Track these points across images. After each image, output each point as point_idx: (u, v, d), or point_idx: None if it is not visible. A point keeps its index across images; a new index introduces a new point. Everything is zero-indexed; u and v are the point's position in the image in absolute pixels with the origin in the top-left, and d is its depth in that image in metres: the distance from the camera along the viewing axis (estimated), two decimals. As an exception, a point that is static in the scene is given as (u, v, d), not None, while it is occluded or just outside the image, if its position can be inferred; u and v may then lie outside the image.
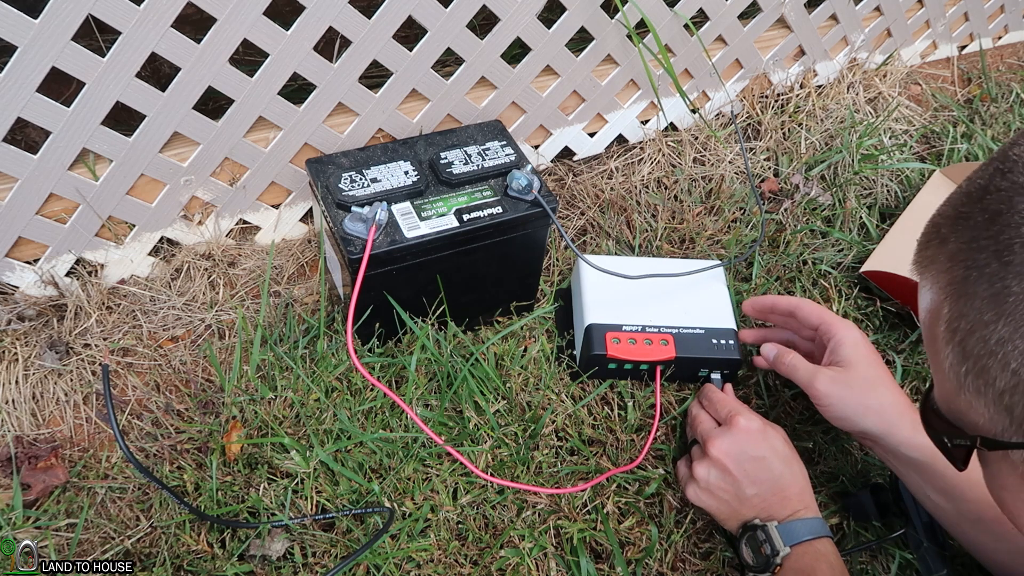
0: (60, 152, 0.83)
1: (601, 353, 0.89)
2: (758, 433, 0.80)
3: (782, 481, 0.78)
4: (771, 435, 0.81)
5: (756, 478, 0.78)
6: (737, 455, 0.78)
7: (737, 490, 0.78)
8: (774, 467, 0.78)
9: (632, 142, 1.28)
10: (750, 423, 0.80)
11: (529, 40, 1.02)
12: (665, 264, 0.99)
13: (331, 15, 0.86)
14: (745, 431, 0.80)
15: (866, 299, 1.10)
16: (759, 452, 0.79)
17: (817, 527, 0.75)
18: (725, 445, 0.79)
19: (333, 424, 0.83)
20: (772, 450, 0.79)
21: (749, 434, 0.80)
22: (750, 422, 0.81)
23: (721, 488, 0.78)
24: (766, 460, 0.78)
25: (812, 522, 0.75)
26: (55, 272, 0.92)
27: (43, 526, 0.77)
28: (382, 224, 0.80)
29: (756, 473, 0.78)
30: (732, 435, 0.80)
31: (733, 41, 1.23)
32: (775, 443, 0.80)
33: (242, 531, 0.78)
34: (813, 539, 0.74)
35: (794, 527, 0.74)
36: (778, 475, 0.78)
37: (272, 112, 0.92)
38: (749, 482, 0.77)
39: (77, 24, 0.74)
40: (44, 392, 0.88)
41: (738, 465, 0.78)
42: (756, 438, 0.80)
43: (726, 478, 0.78)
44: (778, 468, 0.78)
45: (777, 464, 0.78)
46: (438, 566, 0.77)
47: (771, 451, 0.79)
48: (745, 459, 0.78)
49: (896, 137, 1.37)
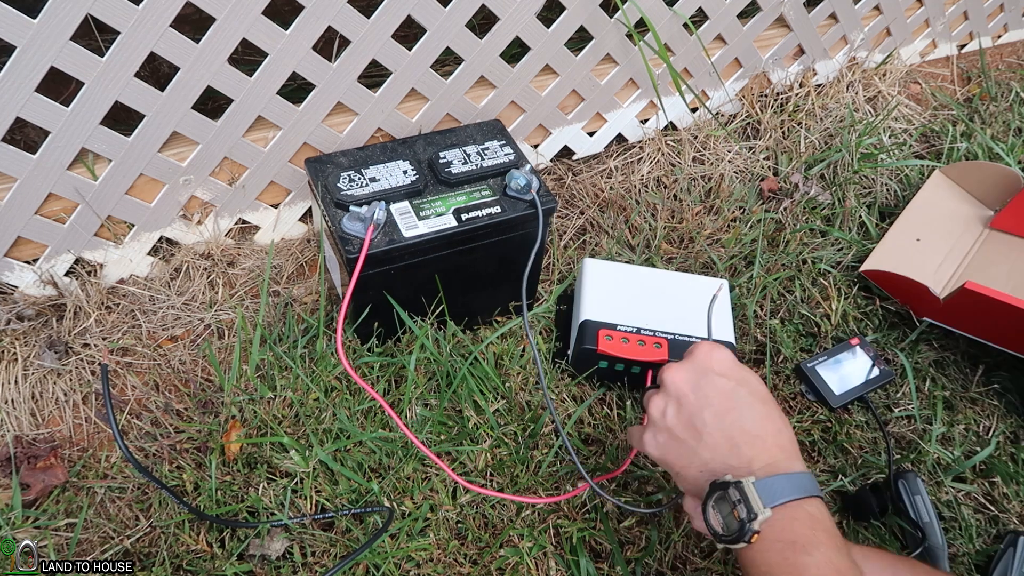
0: (59, 152, 0.83)
1: (592, 347, 0.88)
2: (727, 359, 0.64)
3: (754, 415, 0.61)
4: (744, 368, 0.65)
5: (720, 407, 0.61)
6: (696, 380, 0.63)
7: (696, 422, 0.61)
8: (743, 398, 0.61)
9: (632, 141, 1.28)
10: (715, 348, 0.65)
11: (528, 39, 1.02)
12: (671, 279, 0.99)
13: (330, 15, 0.86)
14: (707, 355, 0.64)
15: (866, 298, 1.10)
16: (725, 379, 0.62)
17: (806, 483, 0.57)
18: (683, 371, 0.64)
19: (332, 423, 0.83)
20: (742, 380, 0.63)
21: (713, 358, 0.64)
22: (715, 347, 0.65)
23: (678, 424, 0.62)
24: (733, 389, 0.62)
25: (799, 477, 0.57)
26: (54, 272, 0.92)
27: (42, 526, 0.77)
28: (380, 223, 0.80)
29: (720, 401, 0.61)
30: (691, 359, 0.65)
31: (732, 40, 1.23)
32: (747, 375, 0.64)
33: (241, 531, 0.78)
34: (801, 499, 0.56)
35: (774, 484, 0.56)
36: (748, 407, 0.61)
37: (271, 112, 0.92)
38: (712, 413, 0.61)
39: (76, 24, 0.74)
40: (43, 392, 0.88)
41: (697, 391, 0.62)
42: (723, 364, 0.64)
43: (683, 408, 0.62)
44: (748, 400, 0.61)
45: (747, 396, 0.62)
46: (437, 565, 0.77)
47: (741, 381, 0.63)
48: (706, 384, 0.62)
49: (896, 136, 1.37)
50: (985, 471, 0.92)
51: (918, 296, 1.01)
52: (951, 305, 0.97)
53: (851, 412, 0.97)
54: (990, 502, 0.90)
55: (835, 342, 1.04)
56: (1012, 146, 1.37)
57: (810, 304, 1.08)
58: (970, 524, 0.87)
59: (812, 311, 1.07)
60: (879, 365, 0.99)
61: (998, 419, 0.98)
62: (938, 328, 1.04)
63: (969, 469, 0.92)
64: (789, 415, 0.96)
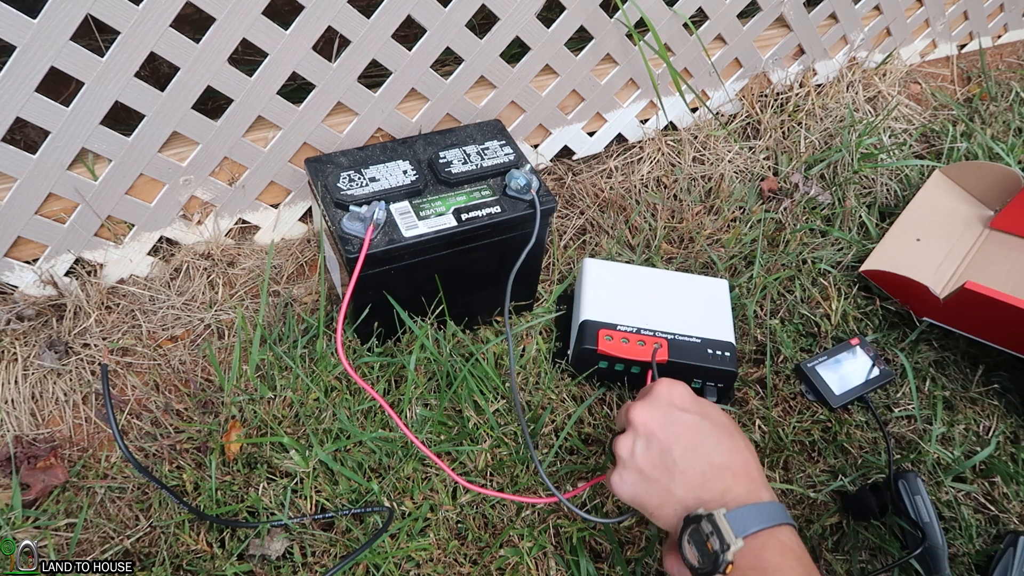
0: (59, 152, 0.83)
1: (592, 348, 0.89)
2: (687, 394, 0.67)
3: (722, 449, 0.63)
4: (704, 401, 0.68)
5: (689, 443, 0.63)
6: (663, 417, 0.64)
7: (667, 460, 0.62)
8: (710, 432, 0.64)
9: (631, 141, 1.28)
10: (675, 384, 0.67)
11: (528, 39, 1.02)
12: (671, 278, 1.00)
13: (330, 15, 0.86)
14: (668, 392, 0.66)
15: (866, 298, 1.10)
16: (690, 414, 0.65)
17: (776, 512, 0.59)
18: (648, 410, 0.65)
19: (332, 423, 0.83)
20: (705, 414, 0.66)
21: (675, 395, 0.66)
22: (675, 384, 0.67)
23: (649, 462, 0.63)
24: (699, 424, 0.64)
25: (768, 506, 0.59)
26: (54, 272, 0.92)
27: (42, 526, 0.77)
28: (380, 223, 0.80)
29: (689, 437, 0.63)
30: (654, 397, 0.66)
31: (732, 40, 1.23)
32: (708, 408, 0.67)
33: (241, 531, 0.78)
34: (772, 527, 0.58)
35: (745, 514, 0.58)
36: (716, 441, 0.63)
37: (271, 112, 0.92)
38: (681, 449, 0.62)
39: (76, 24, 0.74)
40: (43, 392, 0.88)
41: (665, 428, 0.64)
42: (685, 399, 0.66)
43: (652, 446, 0.63)
44: (716, 433, 0.64)
45: (714, 429, 0.64)
46: (437, 565, 0.77)
47: (704, 414, 0.65)
48: (673, 421, 0.64)
49: (896, 136, 1.37)
50: (985, 471, 0.92)
51: (918, 296, 1.01)
52: (951, 305, 0.97)
53: (851, 412, 0.97)
54: (990, 502, 0.90)
55: (835, 342, 1.04)
56: (1012, 146, 1.37)
57: (810, 304, 1.08)
58: (970, 524, 0.87)
59: (812, 311, 1.07)
60: (879, 365, 0.99)
61: (998, 419, 0.98)
62: (938, 328, 1.04)
63: (969, 469, 0.92)
64: (789, 415, 0.96)
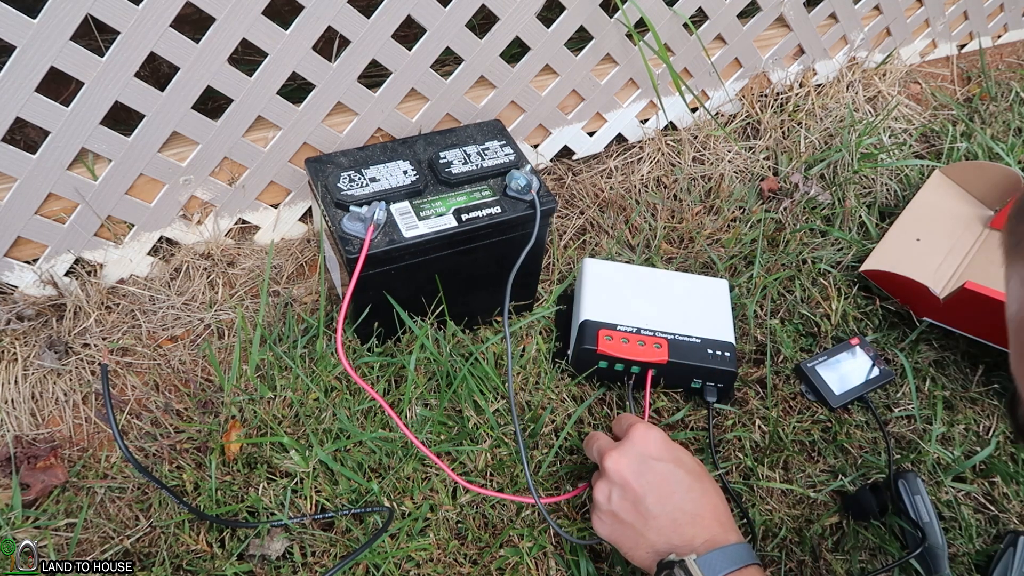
0: (59, 152, 0.83)
1: (591, 348, 0.89)
2: (660, 441, 0.71)
3: (692, 495, 0.67)
4: (676, 446, 0.72)
5: (662, 492, 0.67)
6: (637, 467, 0.68)
7: (640, 508, 0.67)
8: (682, 480, 0.68)
9: (631, 141, 1.28)
10: (649, 431, 0.71)
11: (528, 39, 1.02)
12: (671, 278, 0.99)
13: (330, 14, 0.86)
14: (643, 439, 0.70)
15: (866, 298, 1.10)
16: (663, 463, 0.69)
17: (742, 554, 0.63)
18: (623, 458, 0.69)
19: (332, 423, 0.83)
20: (678, 461, 0.70)
21: (648, 442, 0.70)
22: (649, 430, 0.71)
23: (624, 508, 0.68)
24: (671, 472, 0.68)
25: (735, 549, 0.63)
26: (54, 272, 0.92)
27: (42, 526, 0.77)
28: (380, 224, 0.80)
29: (661, 486, 0.67)
30: (629, 445, 0.70)
31: (732, 40, 1.23)
32: (680, 454, 0.71)
33: (241, 531, 0.78)
34: (739, 569, 0.62)
35: (713, 559, 0.62)
36: (687, 489, 0.67)
37: (271, 111, 0.92)
38: (655, 498, 0.67)
39: (76, 24, 0.74)
40: (43, 392, 0.88)
41: (639, 478, 0.68)
42: (659, 447, 0.70)
43: (627, 495, 0.68)
44: (687, 481, 0.68)
45: (685, 477, 0.68)
46: (437, 565, 0.77)
47: (676, 462, 0.69)
48: (647, 471, 0.68)
49: (896, 136, 1.37)
50: (985, 471, 0.92)
51: (918, 296, 1.01)
52: (951, 305, 0.97)
53: (851, 412, 0.97)
54: (990, 502, 0.90)
55: (835, 342, 1.04)
56: (1012, 146, 1.37)
57: (810, 304, 1.08)
58: (970, 524, 0.87)
59: (812, 311, 1.07)
60: (879, 365, 0.99)
61: (998, 419, 0.98)
62: (938, 328, 1.04)
63: (969, 469, 0.92)
64: (789, 415, 0.96)
